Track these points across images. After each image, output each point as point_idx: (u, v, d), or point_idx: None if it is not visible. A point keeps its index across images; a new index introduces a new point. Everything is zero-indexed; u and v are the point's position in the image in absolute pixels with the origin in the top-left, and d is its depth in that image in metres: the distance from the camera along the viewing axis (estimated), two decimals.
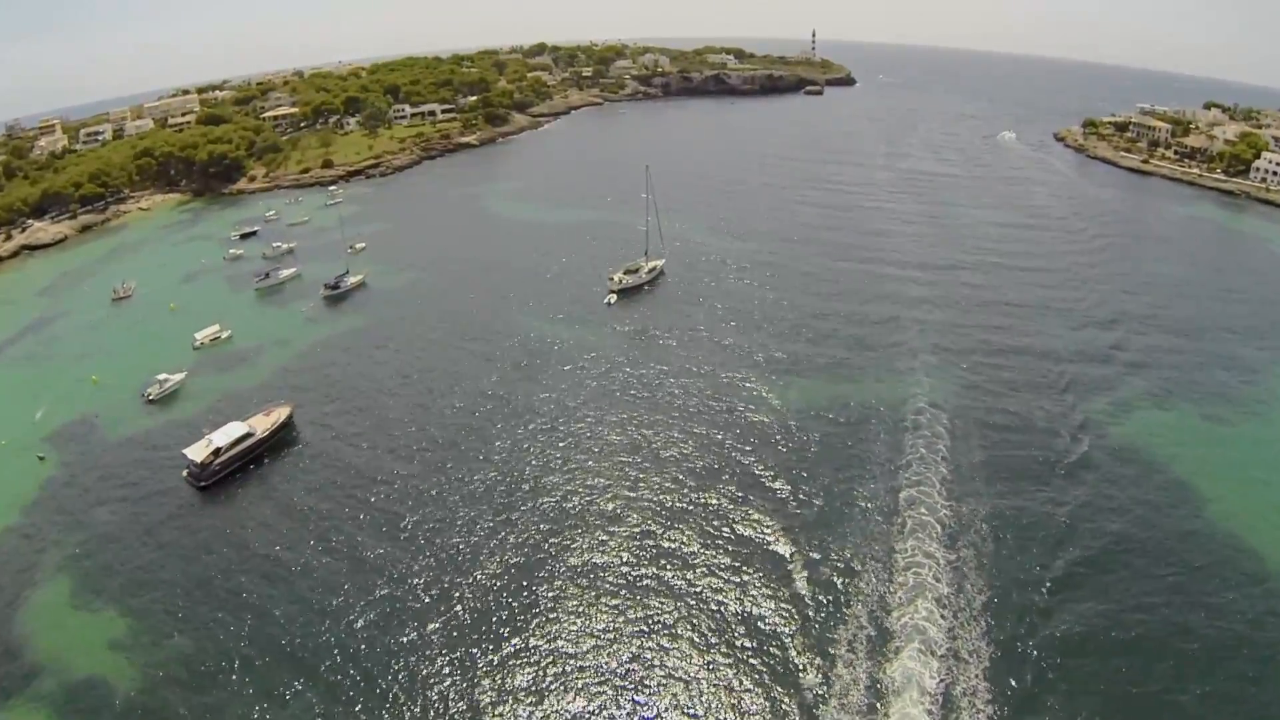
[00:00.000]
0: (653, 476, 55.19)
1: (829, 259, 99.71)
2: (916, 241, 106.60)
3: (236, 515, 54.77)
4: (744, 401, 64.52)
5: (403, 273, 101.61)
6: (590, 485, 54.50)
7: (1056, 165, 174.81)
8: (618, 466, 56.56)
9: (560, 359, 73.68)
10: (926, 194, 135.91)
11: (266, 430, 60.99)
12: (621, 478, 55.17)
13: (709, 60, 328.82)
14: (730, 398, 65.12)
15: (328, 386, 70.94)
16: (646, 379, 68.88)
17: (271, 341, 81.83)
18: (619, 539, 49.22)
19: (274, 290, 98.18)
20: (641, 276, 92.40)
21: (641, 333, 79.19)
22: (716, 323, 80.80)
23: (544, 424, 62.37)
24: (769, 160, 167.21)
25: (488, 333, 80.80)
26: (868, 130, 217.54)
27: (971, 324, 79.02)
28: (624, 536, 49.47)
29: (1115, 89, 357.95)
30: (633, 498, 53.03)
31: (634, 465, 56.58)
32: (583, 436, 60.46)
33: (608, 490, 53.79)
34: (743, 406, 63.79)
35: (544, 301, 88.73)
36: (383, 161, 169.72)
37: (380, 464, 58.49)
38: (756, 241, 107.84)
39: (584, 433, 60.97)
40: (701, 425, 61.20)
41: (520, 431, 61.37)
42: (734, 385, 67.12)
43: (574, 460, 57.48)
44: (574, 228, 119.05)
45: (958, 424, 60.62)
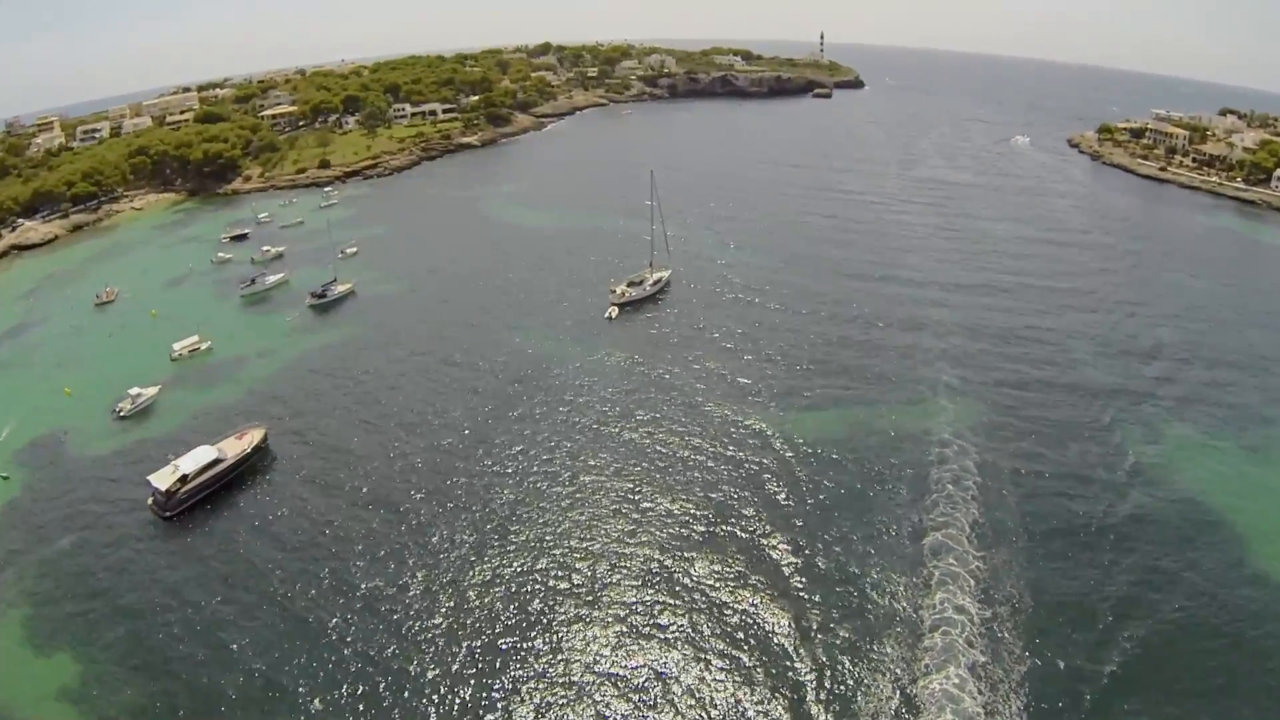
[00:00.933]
0: (649, 529, 49.70)
1: (842, 275, 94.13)
2: (934, 257, 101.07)
3: (202, 550, 50.38)
4: (753, 436, 59.29)
5: (394, 280, 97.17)
6: (578, 545, 48.32)
7: (1072, 173, 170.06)
8: (610, 518, 51.01)
9: (554, 385, 68.10)
10: (942, 204, 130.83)
11: (238, 455, 56.61)
12: (613, 534, 49.38)
13: (716, 61, 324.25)
14: (738, 432, 59.76)
15: (307, 407, 66.35)
16: (646, 411, 63.41)
17: (253, 354, 77.47)
18: (605, 612, 43.36)
19: (260, 297, 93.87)
20: (645, 289, 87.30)
21: (642, 355, 73.81)
22: (724, 344, 75.50)
23: (530, 467, 56.58)
24: (778, 166, 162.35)
25: (478, 351, 75.58)
26: (878, 135, 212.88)
27: (998, 349, 73.41)
28: (616, 609, 44.45)
29: (1122, 94, 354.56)
30: (625, 556, 47.55)
31: (629, 517, 50.83)
32: (571, 483, 54.75)
33: (596, 550, 47.79)
34: (752, 442, 58.53)
35: (540, 315, 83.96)
36: (381, 162, 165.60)
37: (353, 502, 53.78)
38: (766, 254, 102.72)
39: (573, 478, 55.21)
40: (705, 466, 55.89)
41: (501, 475, 55.54)
42: (742, 418, 61.71)
43: (560, 513, 51.51)
44: (575, 234, 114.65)
45: (987, 459, 55.88)
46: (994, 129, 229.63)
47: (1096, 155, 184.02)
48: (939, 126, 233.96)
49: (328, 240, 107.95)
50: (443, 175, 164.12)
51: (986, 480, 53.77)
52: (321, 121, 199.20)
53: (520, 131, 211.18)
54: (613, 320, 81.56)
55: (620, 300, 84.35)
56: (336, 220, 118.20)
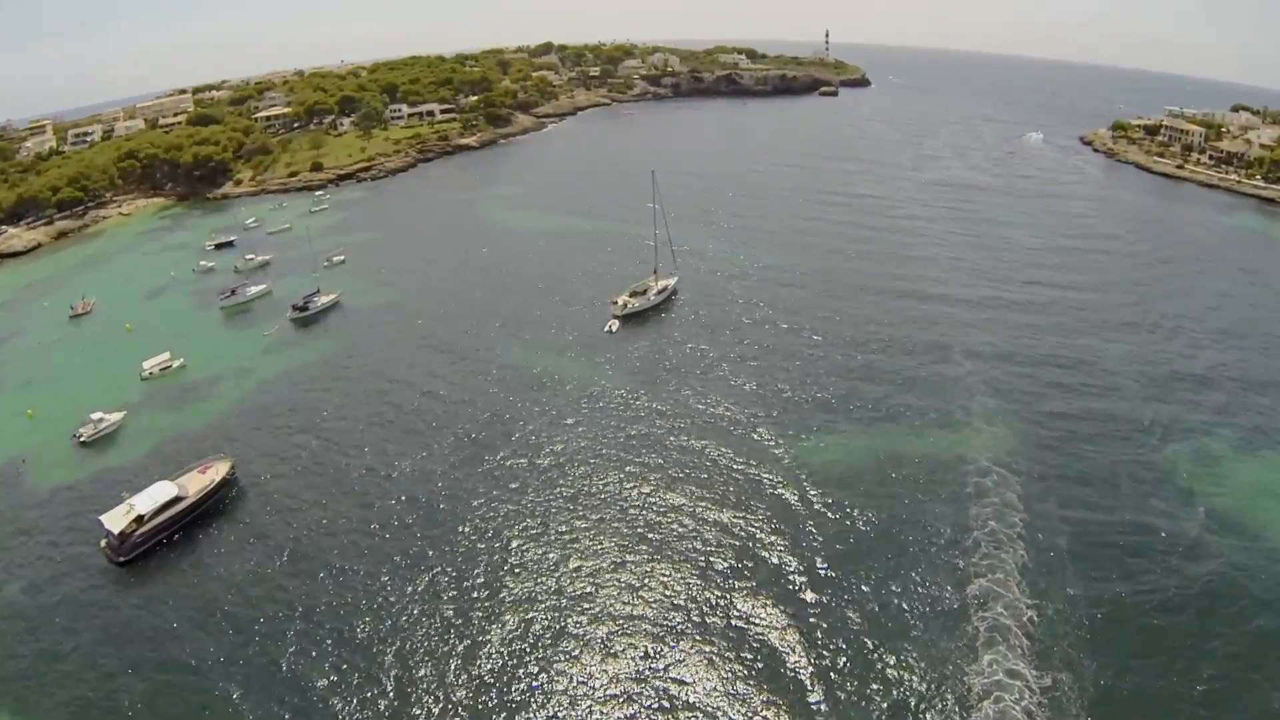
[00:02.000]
0: (655, 579, 43.66)
1: (859, 283, 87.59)
2: (956, 266, 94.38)
3: (159, 602, 44.99)
4: (770, 468, 53.24)
5: (382, 290, 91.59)
6: (575, 603, 42.41)
7: (1089, 172, 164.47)
8: (610, 566, 45.22)
9: (549, 408, 62.08)
10: (959, 206, 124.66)
11: (200, 492, 51.21)
12: (614, 589, 43.44)
13: (720, 60, 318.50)
14: (753, 464, 53.65)
15: (280, 435, 60.66)
16: (650, 438, 57.28)
17: (228, 372, 72.04)
18: (605, 683, 37.54)
19: (240, 309, 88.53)
20: (650, 299, 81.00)
21: (647, 372, 67.85)
22: (734, 362, 69.14)
23: (521, 502, 50.69)
24: (786, 166, 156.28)
25: (467, 372, 69.52)
26: (888, 133, 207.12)
27: (1033, 369, 66.88)
28: (613, 672, 38.81)
29: (1127, 92, 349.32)
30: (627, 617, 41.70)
31: (631, 564, 45.05)
32: (567, 520, 48.95)
33: (594, 611, 41.73)
34: (769, 475, 52.52)
35: (536, 327, 78.05)
36: (375, 164, 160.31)
37: (326, 542, 48.26)
38: (778, 261, 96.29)
39: (569, 515, 49.37)
40: (718, 506, 49.94)
41: (490, 513, 49.71)
42: (757, 448, 55.54)
43: (555, 557, 45.93)
44: (575, 238, 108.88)
45: (1032, 490, 50.17)
46: (1004, 127, 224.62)
47: (1111, 153, 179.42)
48: (949, 125, 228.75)
49: (316, 247, 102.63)
50: (439, 178, 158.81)
51: (1032, 516, 48.07)
52: (317, 123, 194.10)
53: (520, 132, 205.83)
54: (613, 334, 75.43)
55: (622, 312, 78.20)
56: (326, 226, 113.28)
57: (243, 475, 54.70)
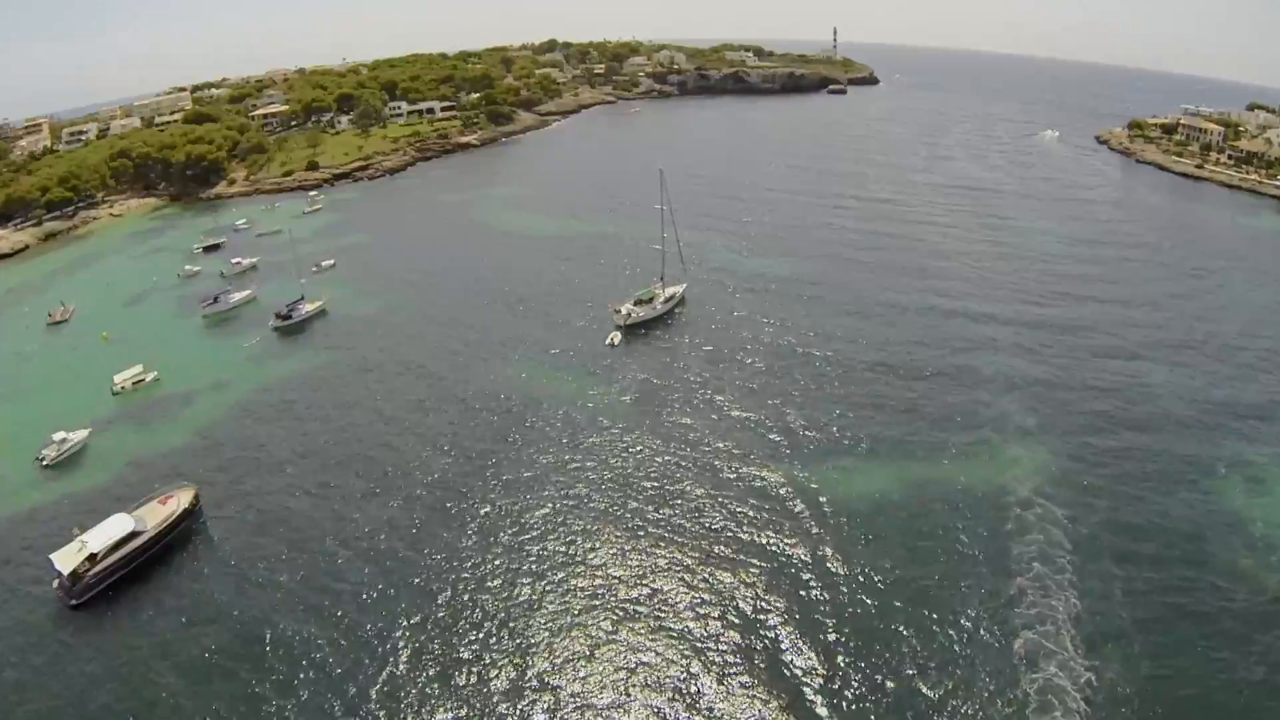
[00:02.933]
0: (660, 641, 38.79)
1: (878, 294, 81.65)
2: (979, 273, 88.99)
3: (112, 651, 40.41)
4: (787, 501, 48.09)
5: (371, 297, 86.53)
6: (571, 662, 37.51)
7: (1107, 171, 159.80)
8: (608, 633, 40.05)
9: (541, 439, 55.54)
10: (979, 209, 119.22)
11: (160, 525, 46.62)
12: (612, 646, 38.77)
13: (727, 58, 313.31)
14: (768, 498, 48.39)
15: (253, 459, 55.73)
16: (653, 472, 51.59)
17: (204, 386, 67.35)
18: None
19: (223, 317, 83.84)
20: (656, 308, 75.54)
21: (650, 394, 61.87)
22: (746, 381, 63.67)
23: (505, 563, 44.62)
24: (797, 166, 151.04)
25: (457, 390, 64.06)
26: (900, 132, 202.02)
27: (1070, 389, 61.47)
28: None
29: (1135, 91, 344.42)
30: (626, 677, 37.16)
31: (633, 625, 39.96)
32: (560, 573, 43.37)
33: (594, 675, 36.93)
34: (787, 510, 47.35)
35: (533, 340, 72.76)
36: (372, 163, 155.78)
37: (298, 588, 43.46)
38: (791, 267, 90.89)
39: (563, 567, 43.73)
40: (728, 548, 44.74)
41: (473, 565, 44.29)
42: (772, 479, 50.24)
43: (545, 619, 40.48)
44: (577, 242, 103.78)
45: (1079, 528, 45.22)
46: (1017, 126, 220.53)
47: (1128, 152, 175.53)
48: (961, 124, 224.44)
49: (307, 250, 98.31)
50: (437, 177, 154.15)
51: (1083, 557, 43.15)
52: (315, 121, 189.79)
53: (522, 130, 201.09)
54: (615, 347, 70.10)
55: (626, 322, 72.86)
56: (319, 228, 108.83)
57: (209, 504, 50.11)
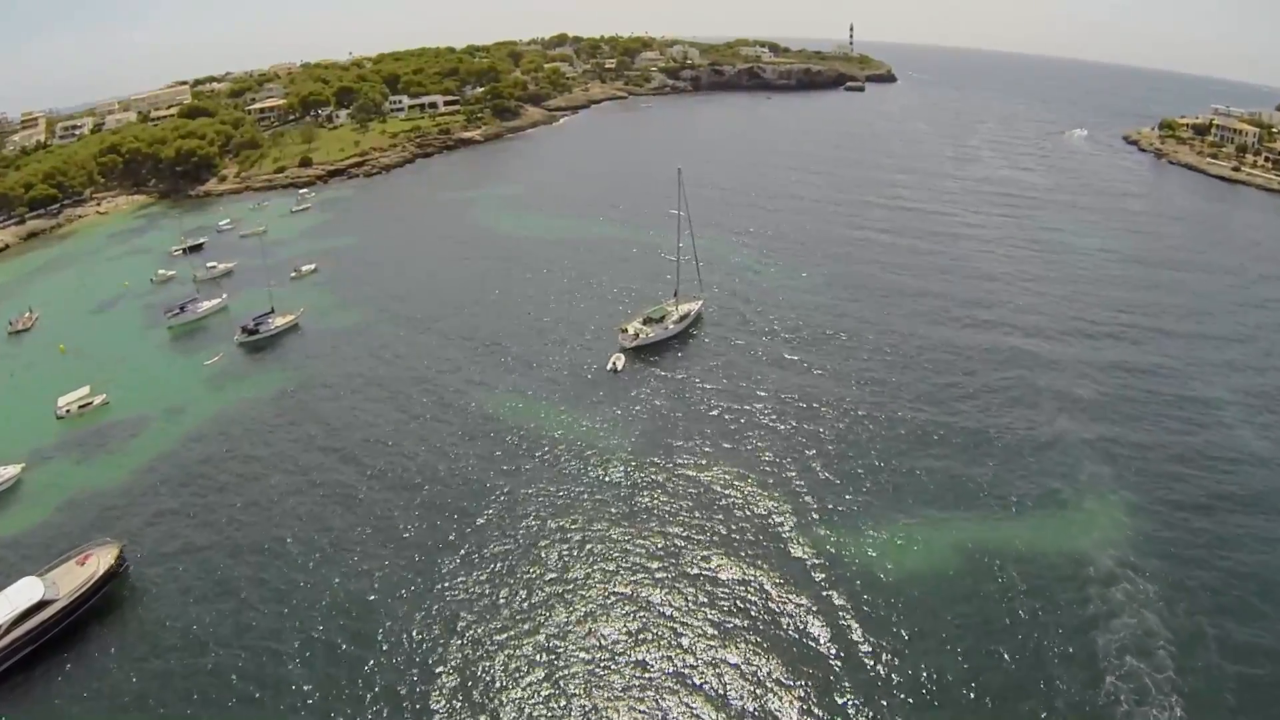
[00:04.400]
0: None
1: (918, 316, 71.73)
2: (1025, 286, 79.52)
3: None
4: (815, 579, 39.54)
5: (351, 308, 78.41)
6: None
7: (1141, 173, 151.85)
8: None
9: (527, 485, 47.51)
10: (1016, 213, 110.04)
11: (75, 592, 39.09)
12: None
13: (742, 53, 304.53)
14: (792, 573, 39.90)
15: (196, 503, 48.06)
16: (651, 536, 42.85)
17: (157, 411, 59.75)
18: None
19: (189, 328, 76.39)
20: (668, 328, 66.65)
21: (654, 430, 53.15)
22: (767, 417, 54.19)
23: (480, 635, 37.22)
24: (821, 167, 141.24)
25: (437, 423, 55.41)
26: (924, 130, 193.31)
27: (1146, 425, 52.86)
28: None
29: (1154, 91, 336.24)
30: None
31: None
32: (536, 674, 35.69)
33: None
34: (814, 592, 38.77)
35: (526, 363, 64.07)
36: (369, 160, 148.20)
37: (231, 673, 35.99)
38: (817, 281, 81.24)
39: (538, 666, 35.99)
40: (742, 642, 36.66)
41: (435, 657, 36.53)
42: (798, 545, 41.79)
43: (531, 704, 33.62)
44: (581, 248, 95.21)
45: (1177, 608, 37.00)
46: (1042, 124, 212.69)
47: (1160, 153, 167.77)
48: (984, 121, 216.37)
49: (288, 253, 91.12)
50: (437, 174, 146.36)
51: (1184, 650, 35.04)
52: (313, 115, 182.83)
53: (530, 126, 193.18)
54: (617, 372, 61.28)
55: (633, 344, 64.23)
56: (305, 228, 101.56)
57: (138, 562, 42.54)
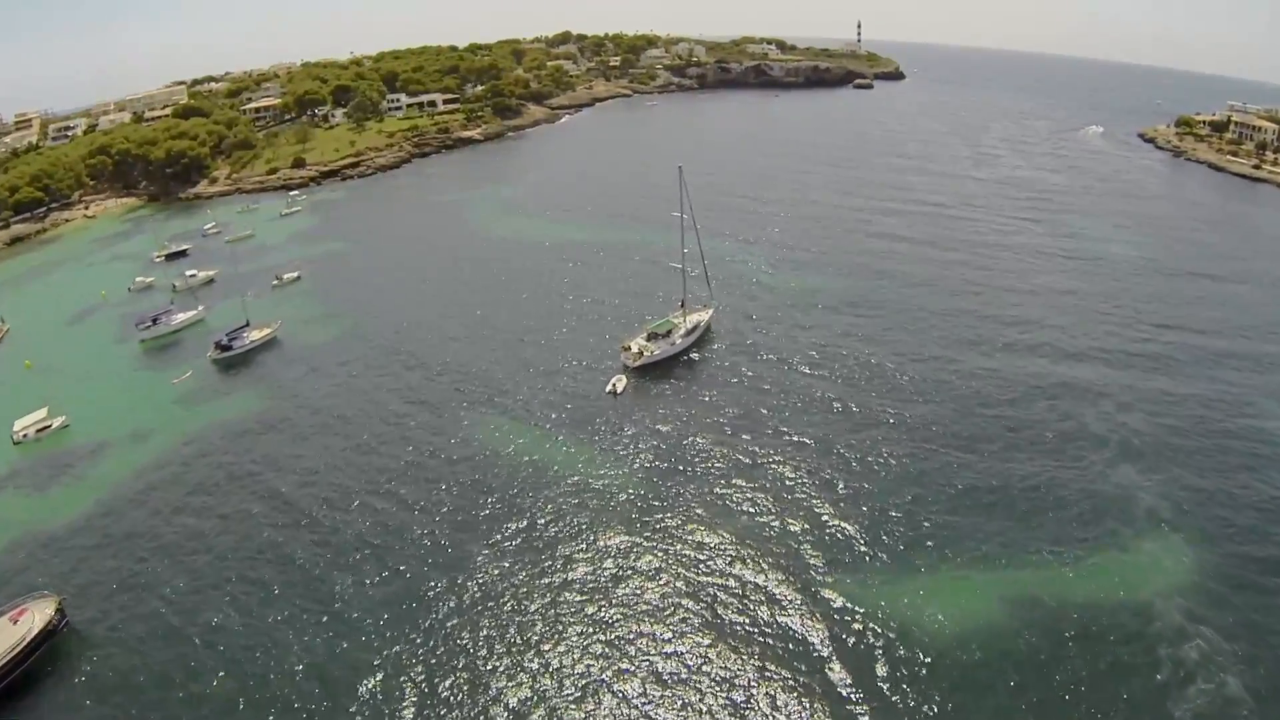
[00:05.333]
0: None
1: (944, 326, 66.13)
2: (1060, 301, 72.73)
3: None
4: (844, 636, 34.55)
5: (333, 321, 73.27)
6: None
7: (1161, 171, 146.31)
8: None
9: (513, 530, 41.92)
10: (1041, 214, 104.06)
11: (7, 654, 34.43)
12: None
13: (749, 51, 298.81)
14: (818, 630, 34.92)
15: (150, 545, 43.27)
16: (653, 598, 37.14)
17: (120, 437, 54.92)
18: None
19: (162, 342, 71.66)
20: (675, 343, 60.89)
21: (658, 464, 47.43)
22: (787, 444, 48.76)
23: None
24: (834, 167, 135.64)
25: (419, 454, 49.89)
26: (936, 128, 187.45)
27: (1206, 455, 47.27)
28: None
29: (1160, 88, 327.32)
30: None
31: None
32: None
33: None
34: (842, 652, 33.87)
35: (518, 385, 57.93)
36: (364, 160, 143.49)
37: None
38: (837, 292, 74.78)
39: None
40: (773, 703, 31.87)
41: None
42: (825, 596, 36.68)
43: None
44: (581, 254, 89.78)
45: (1259, 670, 31.86)
46: (1055, 122, 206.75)
47: (1178, 151, 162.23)
48: (998, 120, 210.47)
49: (273, 260, 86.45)
50: (434, 175, 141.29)
51: (1258, 680, 30.00)
52: (309, 115, 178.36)
53: (531, 124, 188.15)
54: (617, 396, 55.45)
55: (636, 362, 58.50)
56: (294, 233, 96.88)
57: (80, 616, 37.76)
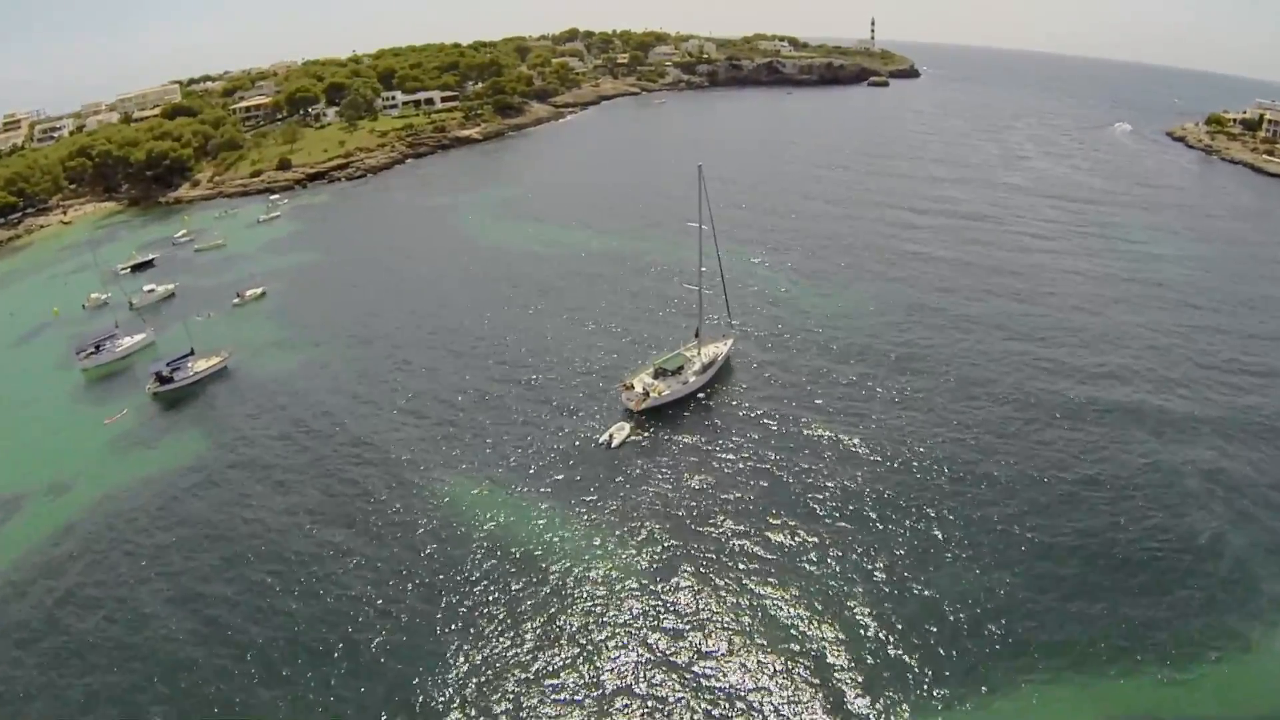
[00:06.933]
0: None
1: (994, 356, 56.32)
2: (1124, 319, 62.68)
3: None
4: None
5: (293, 348, 64.20)
6: None
7: (1197, 170, 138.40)
8: None
9: (489, 638, 33.19)
10: (1082, 219, 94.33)
11: None
12: None
13: (760, 48, 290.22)
14: None
15: (54, 645, 35.04)
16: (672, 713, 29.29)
17: (37, 489, 46.53)
18: None
19: (106, 371, 63.68)
20: (687, 381, 51.62)
21: (661, 542, 38.35)
22: (826, 516, 39.64)
23: None
24: (854, 169, 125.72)
25: (372, 526, 40.91)
26: (960, 127, 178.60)
27: None
28: None
29: (1177, 88, 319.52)
30: None
31: None
32: None
33: None
34: None
35: (499, 435, 48.65)
36: (354, 161, 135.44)
37: None
38: (868, 310, 65.80)
39: None
40: None
41: None
42: None
43: None
44: (581, 267, 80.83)
45: None
46: (1079, 120, 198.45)
47: (1209, 150, 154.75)
48: (1020, 117, 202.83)
49: (244, 271, 78.33)
50: (427, 177, 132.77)
51: None
52: (301, 114, 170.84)
53: (534, 123, 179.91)
54: (615, 449, 46.07)
55: (641, 405, 49.09)
56: (267, 241, 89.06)
57: None
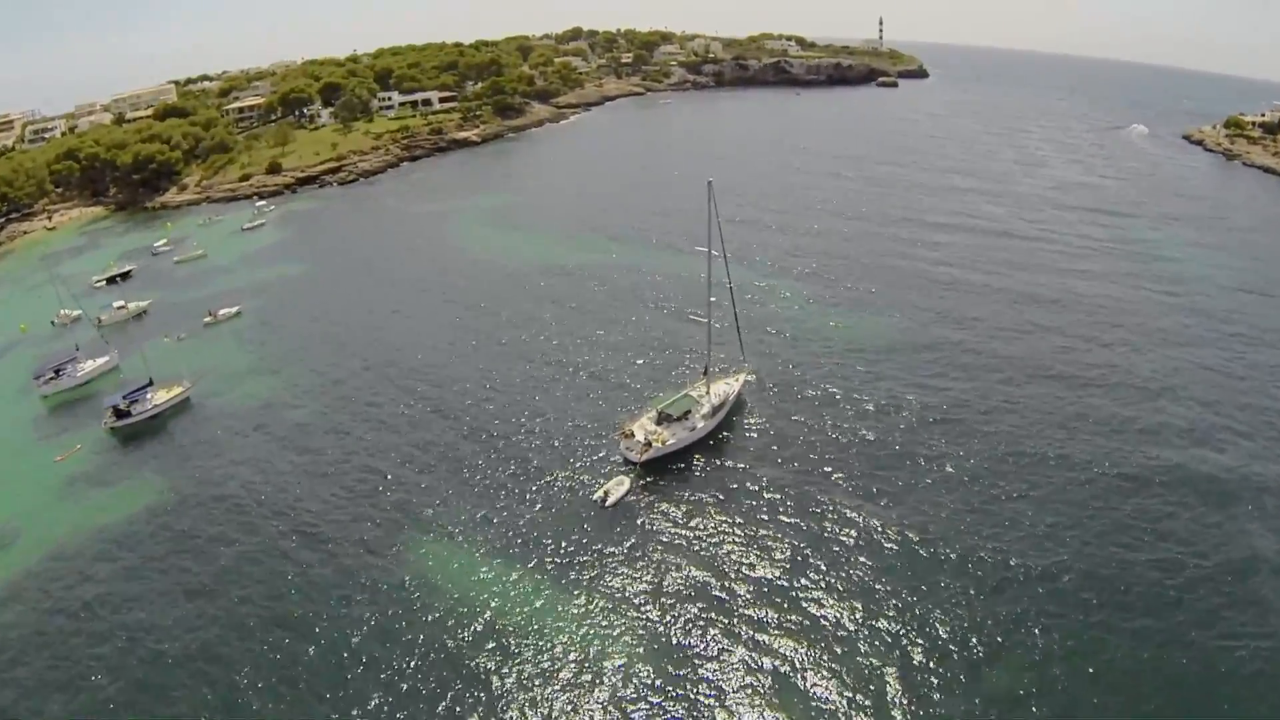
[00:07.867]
0: None
1: (1041, 407, 48.98)
2: (1179, 358, 55.67)
3: None
4: None
5: (264, 376, 58.52)
6: None
7: (1219, 176, 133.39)
8: None
9: None
10: (1115, 233, 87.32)
11: None
12: None
13: (767, 47, 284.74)
14: None
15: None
16: None
17: None
18: None
19: (66, 398, 58.73)
20: (695, 427, 45.54)
21: (671, 626, 32.80)
22: (853, 593, 34.01)
23: None
24: (870, 174, 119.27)
25: (332, 597, 35.53)
26: (973, 129, 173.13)
27: None
28: None
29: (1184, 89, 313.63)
30: None
31: None
32: None
33: None
34: None
35: (481, 490, 42.70)
36: (346, 164, 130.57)
37: None
38: (898, 340, 59.04)
39: None
40: None
41: None
42: None
43: None
44: (577, 284, 74.38)
45: None
46: (1092, 122, 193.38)
47: (1229, 154, 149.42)
48: (1036, 119, 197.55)
49: (221, 285, 73.45)
50: (422, 181, 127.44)
51: None
52: (296, 115, 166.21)
53: (535, 124, 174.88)
54: (609, 507, 40.25)
55: (642, 456, 43.14)
56: (249, 252, 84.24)
57: None
